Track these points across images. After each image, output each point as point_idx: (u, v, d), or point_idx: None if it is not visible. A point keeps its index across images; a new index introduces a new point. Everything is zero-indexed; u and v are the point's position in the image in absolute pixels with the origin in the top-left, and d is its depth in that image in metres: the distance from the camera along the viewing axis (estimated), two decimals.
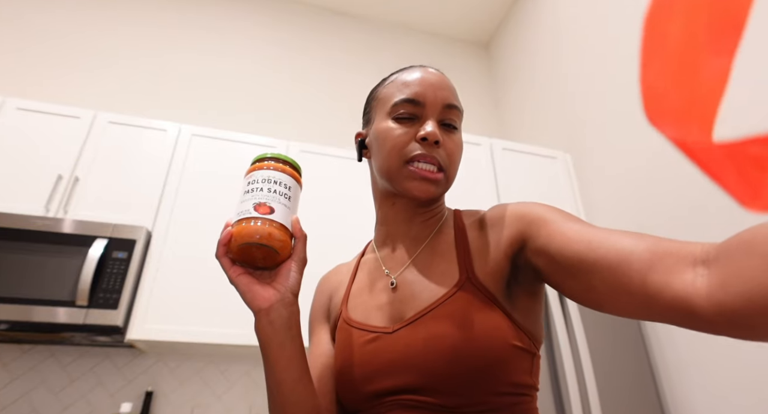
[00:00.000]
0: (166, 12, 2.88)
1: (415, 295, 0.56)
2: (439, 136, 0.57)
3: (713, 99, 0.23)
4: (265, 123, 2.74)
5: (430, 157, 0.57)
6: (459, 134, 0.62)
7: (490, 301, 0.52)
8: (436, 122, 0.59)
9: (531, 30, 3.03)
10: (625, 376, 1.58)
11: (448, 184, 0.60)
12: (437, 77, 0.62)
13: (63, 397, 1.80)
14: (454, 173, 0.61)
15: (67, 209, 1.81)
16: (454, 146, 0.59)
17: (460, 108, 0.62)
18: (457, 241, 0.59)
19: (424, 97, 0.59)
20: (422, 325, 0.52)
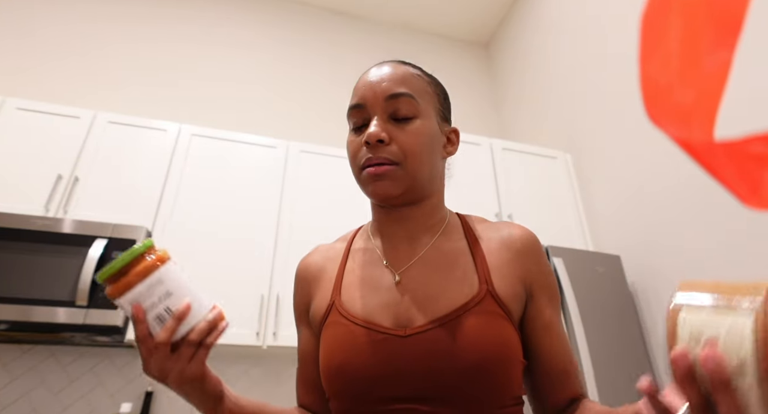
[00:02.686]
0: (166, 12, 2.88)
1: (430, 298, 0.53)
2: (379, 135, 0.55)
3: (714, 95, 0.23)
4: (265, 123, 2.74)
5: (375, 158, 0.55)
6: (414, 122, 0.57)
7: (507, 317, 0.53)
8: (381, 120, 0.57)
9: (531, 30, 3.02)
10: (625, 376, 1.58)
11: (411, 176, 0.56)
12: (380, 72, 0.60)
13: (63, 398, 1.80)
14: (416, 164, 0.56)
15: (67, 209, 1.80)
16: (407, 137, 0.56)
17: (408, 93, 0.58)
18: (472, 249, 0.58)
19: (364, 100, 0.58)
20: (443, 334, 0.50)
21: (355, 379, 0.52)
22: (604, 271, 1.78)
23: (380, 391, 0.50)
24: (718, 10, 0.23)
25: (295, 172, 2.19)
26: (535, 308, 0.57)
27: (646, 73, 0.25)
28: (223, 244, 1.93)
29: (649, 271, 1.85)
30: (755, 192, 0.21)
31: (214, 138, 2.16)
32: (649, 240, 1.87)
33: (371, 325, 0.54)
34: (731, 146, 0.22)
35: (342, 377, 0.53)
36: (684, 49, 0.24)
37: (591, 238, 2.21)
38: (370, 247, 0.63)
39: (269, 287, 1.89)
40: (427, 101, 0.60)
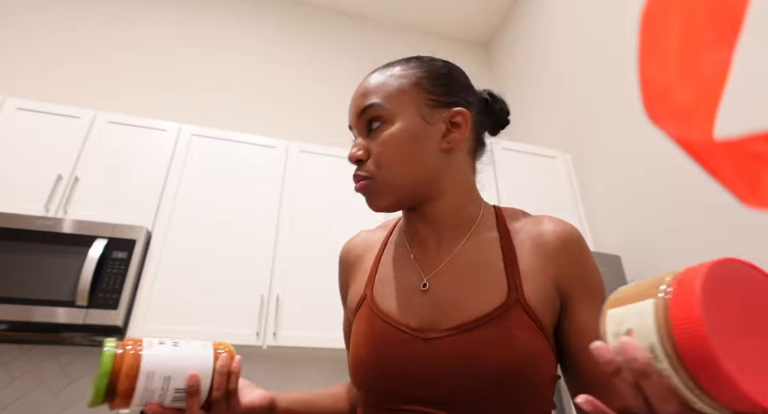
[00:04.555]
0: (166, 12, 2.88)
1: (457, 302, 0.52)
2: (354, 155, 0.56)
3: (714, 95, 0.23)
4: (265, 123, 2.74)
5: (355, 176, 0.56)
6: (384, 129, 0.55)
7: (537, 327, 0.50)
8: (361, 136, 0.58)
9: (531, 30, 3.02)
10: None
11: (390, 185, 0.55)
12: (356, 91, 0.60)
13: (63, 398, 1.80)
14: (391, 172, 0.54)
15: (67, 209, 1.80)
16: (377, 148, 0.55)
17: (372, 104, 0.56)
18: (504, 251, 0.54)
19: (350, 120, 0.60)
20: (467, 341, 0.49)
21: (377, 375, 0.52)
22: (604, 271, 1.78)
23: (399, 390, 0.50)
24: (718, 10, 0.23)
25: (295, 172, 2.19)
26: (571, 312, 0.53)
27: (646, 72, 0.25)
28: (222, 244, 1.93)
29: (649, 271, 1.84)
30: (755, 191, 0.21)
31: (214, 138, 2.16)
32: (649, 240, 1.87)
33: (398, 324, 0.53)
34: (731, 145, 0.22)
35: (365, 371, 0.53)
36: (684, 48, 0.24)
37: (591, 238, 2.21)
38: (403, 245, 0.60)
39: (269, 287, 1.89)
40: (401, 101, 0.56)
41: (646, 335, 0.30)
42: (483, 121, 0.63)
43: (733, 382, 0.26)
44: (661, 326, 0.29)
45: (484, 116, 0.64)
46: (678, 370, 0.28)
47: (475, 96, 0.63)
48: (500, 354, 0.47)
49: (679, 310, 0.29)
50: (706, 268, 0.31)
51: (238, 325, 1.78)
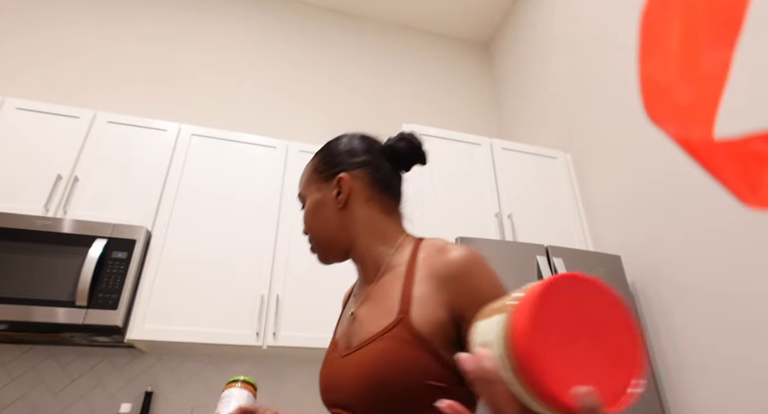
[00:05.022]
0: (166, 12, 2.88)
1: (363, 327, 0.64)
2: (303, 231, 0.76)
3: (714, 94, 0.23)
4: (265, 123, 2.74)
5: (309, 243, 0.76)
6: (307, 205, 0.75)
7: (420, 343, 0.57)
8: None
9: (531, 30, 3.02)
10: None
11: (321, 243, 0.73)
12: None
13: (62, 398, 1.80)
14: (317, 234, 0.73)
15: (67, 209, 1.80)
16: (306, 222, 0.75)
17: (300, 191, 0.77)
18: (405, 280, 0.63)
19: None
20: (358, 355, 0.61)
21: (320, 386, 0.68)
22: (604, 271, 1.78)
23: (326, 397, 0.66)
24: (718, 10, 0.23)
25: (295, 172, 2.19)
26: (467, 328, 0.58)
27: (646, 72, 0.25)
28: (222, 244, 1.93)
29: (649, 271, 1.85)
30: (755, 191, 0.21)
31: (214, 138, 2.16)
32: (649, 240, 1.87)
33: (335, 346, 0.70)
34: (731, 145, 0.22)
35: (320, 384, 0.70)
36: (684, 48, 0.24)
37: (591, 238, 2.21)
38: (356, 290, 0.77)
39: (269, 287, 1.89)
40: (308, 184, 0.76)
41: (496, 346, 0.33)
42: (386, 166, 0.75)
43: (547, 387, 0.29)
44: (505, 338, 0.33)
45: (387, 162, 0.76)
46: (515, 377, 0.31)
47: (367, 154, 0.74)
48: (372, 367, 0.58)
49: (514, 324, 0.32)
50: (542, 286, 0.33)
51: (238, 325, 1.78)
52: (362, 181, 0.72)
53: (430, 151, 2.28)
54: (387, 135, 0.77)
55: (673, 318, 1.71)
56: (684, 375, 1.64)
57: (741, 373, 1.45)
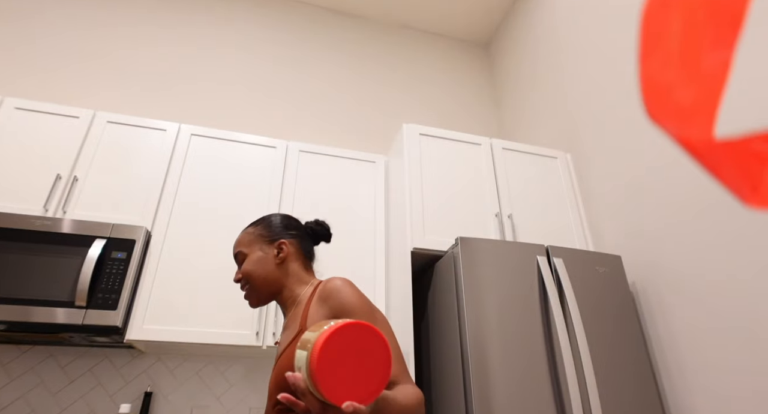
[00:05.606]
0: (166, 12, 2.88)
1: (280, 348, 0.91)
2: (235, 277, 1.00)
3: (714, 94, 0.23)
4: (264, 123, 2.73)
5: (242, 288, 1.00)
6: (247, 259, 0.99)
7: None
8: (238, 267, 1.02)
9: (531, 30, 3.02)
10: (626, 377, 1.58)
11: (258, 287, 0.97)
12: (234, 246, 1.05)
13: (61, 398, 1.80)
14: (255, 282, 0.97)
15: (66, 209, 1.80)
16: (243, 270, 0.98)
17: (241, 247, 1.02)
18: (305, 307, 0.91)
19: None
20: (275, 367, 0.86)
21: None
22: (604, 271, 1.78)
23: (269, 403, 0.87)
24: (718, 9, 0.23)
25: (295, 172, 2.19)
26: None
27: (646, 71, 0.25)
28: (222, 244, 1.92)
29: (649, 271, 1.84)
30: (756, 191, 0.21)
31: (214, 138, 2.16)
32: (649, 240, 1.87)
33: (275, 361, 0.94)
34: (732, 145, 0.22)
35: None
36: (684, 47, 0.24)
37: (591, 238, 2.21)
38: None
39: None
40: (250, 244, 1.01)
41: (304, 371, 0.57)
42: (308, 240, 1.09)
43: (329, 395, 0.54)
44: (307, 366, 0.56)
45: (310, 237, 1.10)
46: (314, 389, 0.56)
47: (296, 230, 1.07)
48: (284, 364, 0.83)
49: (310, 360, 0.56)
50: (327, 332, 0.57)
51: (238, 325, 1.78)
52: (293, 247, 1.03)
53: (430, 152, 2.25)
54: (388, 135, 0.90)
55: (673, 318, 1.71)
56: (684, 375, 1.64)
57: (741, 373, 1.45)
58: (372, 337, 0.59)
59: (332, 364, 0.55)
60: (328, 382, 0.54)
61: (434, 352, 1.69)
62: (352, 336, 0.57)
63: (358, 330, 0.58)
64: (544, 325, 1.58)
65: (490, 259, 1.65)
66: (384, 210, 2.24)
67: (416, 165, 2.08)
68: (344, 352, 0.56)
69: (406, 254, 1.85)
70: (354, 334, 0.58)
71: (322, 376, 0.54)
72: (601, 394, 1.51)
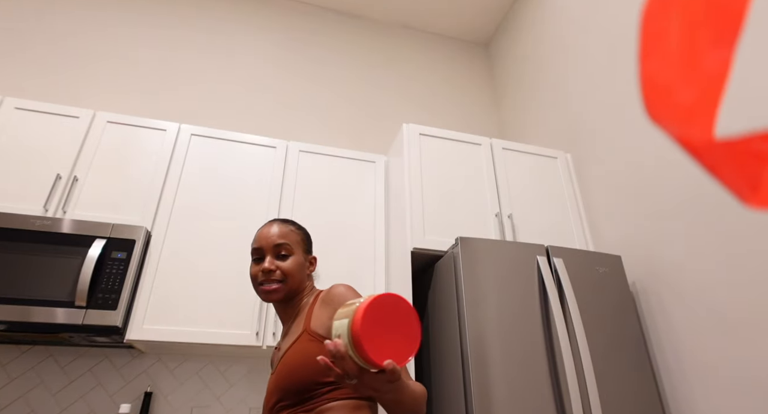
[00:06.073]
0: (166, 12, 2.88)
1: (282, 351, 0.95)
2: (271, 266, 0.99)
3: (714, 94, 0.23)
4: (264, 123, 2.73)
5: (268, 280, 1.00)
6: (292, 257, 1.02)
7: (316, 337, 0.89)
8: (272, 257, 1.01)
9: (531, 30, 3.02)
10: (625, 376, 1.58)
11: (289, 288, 1.00)
12: (272, 229, 1.05)
13: (61, 398, 1.80)
14: (292, 281, 1.01)
15: (66, 209, 1.80)
16: (286, 266, 1.01)
17: (286, 242, 1.03)
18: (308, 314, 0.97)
19: (261, 245, 1.03)
20: (280, 365, 0.90)
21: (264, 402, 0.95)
22: (604, 271, 1.78)
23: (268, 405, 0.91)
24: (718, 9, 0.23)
25: (295, 172, 2.19)
26: None
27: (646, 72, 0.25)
28: (222, 244, 1.92)
29: (650, 271, 1.84)
30: (756, 191, 0.21)
31: (214, 138, 2.16)
32: (649, 240, 1.87)
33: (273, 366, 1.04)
34: (732, 145, 0.22)
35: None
36: (684, 47, 0.24)
37: (591, 238, 2.21)
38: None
39: None
40: (298, 245, 1.05)
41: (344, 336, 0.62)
42: None
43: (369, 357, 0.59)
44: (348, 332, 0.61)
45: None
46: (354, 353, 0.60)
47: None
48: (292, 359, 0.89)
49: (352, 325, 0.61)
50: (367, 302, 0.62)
51: (238, 325, 1.78)
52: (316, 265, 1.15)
53: (430, 151, 2.24)
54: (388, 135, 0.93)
55: (673, 318, 1.71)
56: (684, 375, 1.64)
57: (741, 373, 1.45)
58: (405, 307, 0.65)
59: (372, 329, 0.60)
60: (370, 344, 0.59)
61: (434, 351, 1.69)
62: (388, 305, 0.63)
63: (393, 300, 0.64)
64: (544, 325, 1.58)
65: (490, 259, 1.65)
66: (384, 210, 2.24)
67: (416, 165, 2.08)
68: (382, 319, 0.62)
69: (406, 254, 1.85)
70: (390, 303, 0.63)
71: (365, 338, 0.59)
72: (601, 393, 1.51)
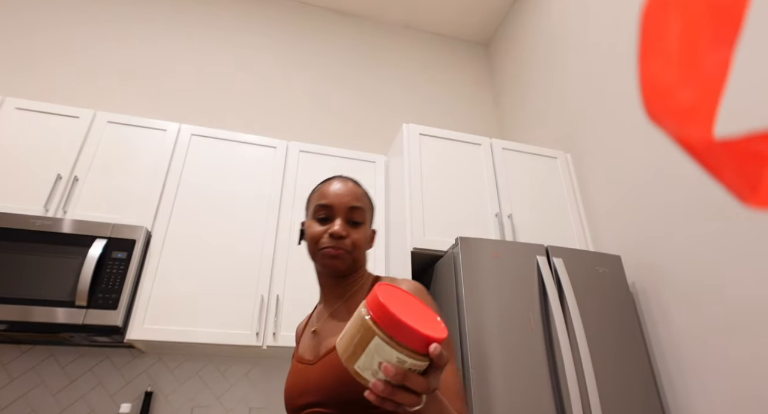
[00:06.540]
0: (167, 12, 2.88)
1: (328, 338, 0.80)
2: (342, 232, 0.81)
3: (714, 94, 0.23)
4: (265, 123, 2.74)
5: (335, 246, 0.81)
6: (362, 227, 0.85)
7: None
8: (343, 220, 0.83)
9: (531, 30, 3.02)
10: (625, 376, 1.58)
11: (355, 263, 0.84)
12: (347, 187, 0.87)
13: (62, 398, 1.80)
14: (359, 254, 0.84)
15: (66, 209, 1.80)
16: (357, 236, 0.84)
17: (363, 207, 0.86)
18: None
19: (333, 203, 0.84)
20: (325, 361, 0.75)
21: (286, 395, 0.80)
22: (604, 271, 1.78)
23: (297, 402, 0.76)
24: (718, 8, 0.23)
25: (295, 172, 2.19)
26: None
27: (646, 71, 0.25)
28: (222, 244, 1.92)
29: (650, 271, 1.84)
30: (755, 191, 0.21)
31: (214, 138, 2.16)
32: (649, 240, 1.87)
33: (302, 359, 0.82)
34: (731, 145, 0.22)
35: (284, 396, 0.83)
36: (684, 47, 0.24)
37: (591, 238, 2.21)
38: (318, 308, 0.91)
39: (269, 288, 1.89)
40: (369, 214, 0.89)
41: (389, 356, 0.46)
42: None
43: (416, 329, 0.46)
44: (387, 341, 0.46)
45: None
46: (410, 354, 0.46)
47: None
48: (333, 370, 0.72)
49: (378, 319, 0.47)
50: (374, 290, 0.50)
51: (238, 325, 1.78)
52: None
53: (429, 151, 2.25)
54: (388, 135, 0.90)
55: (673, 318, 1.71)
56: (684, 375, 1.64)
57: (741, 373, 1.45)
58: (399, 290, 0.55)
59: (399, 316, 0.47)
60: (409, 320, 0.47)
61: None
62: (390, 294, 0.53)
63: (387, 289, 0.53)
64: (544, 325, 1.58)
65: (490, 259, 1.65)
66: (384, 210, 2.24)
67: (416, 165, 2.08)
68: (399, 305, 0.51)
69: (406, 254, 1.85)
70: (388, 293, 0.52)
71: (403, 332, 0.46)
72: (601, 393, 1.51)
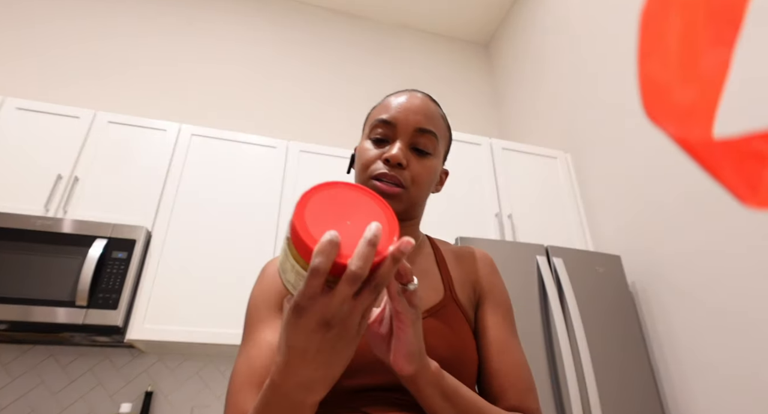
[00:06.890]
0: (166, 13, 2.88)
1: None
2: (401, 159, 0.61)
3: (713, 93, 0.23)
4: (265, 123, 2.74)
5: (391, 175, 0.61)
6: (430, 159, 0.65)
7: (466, 319, 0.61)
8: (405, 145, 0.64)
9: (531, 30, 3.02)
10: (625, 376, 1.58)
11: (411, 202, 0.63)
12: (417, 102, 0.66)
13: (62, 398, 1.80)
14: (419, 193, 0.64)
15: (67, 209, 1.80)
16: (420, 170, 0.63)
17: (435, 133, 0.65)
18: (438, 263, 0.67)
19: (396, 120, 0.64)
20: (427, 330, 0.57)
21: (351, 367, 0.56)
22: (604, 271, 1.78)
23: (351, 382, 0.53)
24: (717, 8, 0.23)
25: (295, 172, 2.19)
26: (481, 312, 0.64)
27: (646, 71, 0.25)
28: (222, 244, 1.93)
29: (649, 271, 1.84)
30: (754, 191, 0.21)
31: (214, 138, 2.16)
32: (649, 240, 1.87)
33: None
34: (730, 144, 0.22)
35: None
36: (683, 47, 0.24)
37: (591, 238, 2.21)
38: None
39: None
40: (442, 144, 0.68)
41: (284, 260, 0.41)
42: None
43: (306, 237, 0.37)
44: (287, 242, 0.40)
45: None
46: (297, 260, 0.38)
47: None
48: (441, 343, 0.55)
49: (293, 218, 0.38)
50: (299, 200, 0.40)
51: (238, 324, 1.78)
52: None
53: None
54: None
55: (673, 318, 1.71)
56: (683, 375, 1.64)
57: (741, 373, 1.45)
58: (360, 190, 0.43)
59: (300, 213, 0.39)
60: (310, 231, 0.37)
61: None
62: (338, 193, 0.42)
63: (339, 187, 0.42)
64: (544, 325, 1.58)
65: None
66: None
67: None
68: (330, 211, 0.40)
69: None
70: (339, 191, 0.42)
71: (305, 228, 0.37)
72: (601, 393, 1.51)
